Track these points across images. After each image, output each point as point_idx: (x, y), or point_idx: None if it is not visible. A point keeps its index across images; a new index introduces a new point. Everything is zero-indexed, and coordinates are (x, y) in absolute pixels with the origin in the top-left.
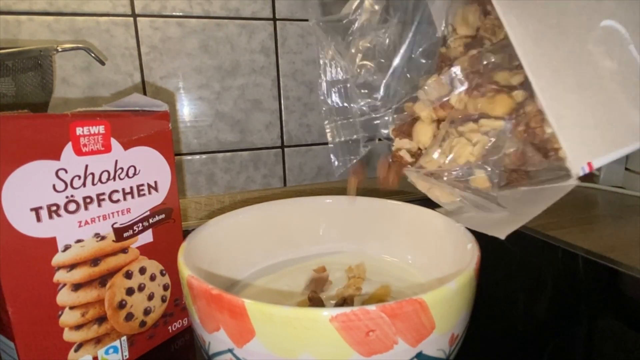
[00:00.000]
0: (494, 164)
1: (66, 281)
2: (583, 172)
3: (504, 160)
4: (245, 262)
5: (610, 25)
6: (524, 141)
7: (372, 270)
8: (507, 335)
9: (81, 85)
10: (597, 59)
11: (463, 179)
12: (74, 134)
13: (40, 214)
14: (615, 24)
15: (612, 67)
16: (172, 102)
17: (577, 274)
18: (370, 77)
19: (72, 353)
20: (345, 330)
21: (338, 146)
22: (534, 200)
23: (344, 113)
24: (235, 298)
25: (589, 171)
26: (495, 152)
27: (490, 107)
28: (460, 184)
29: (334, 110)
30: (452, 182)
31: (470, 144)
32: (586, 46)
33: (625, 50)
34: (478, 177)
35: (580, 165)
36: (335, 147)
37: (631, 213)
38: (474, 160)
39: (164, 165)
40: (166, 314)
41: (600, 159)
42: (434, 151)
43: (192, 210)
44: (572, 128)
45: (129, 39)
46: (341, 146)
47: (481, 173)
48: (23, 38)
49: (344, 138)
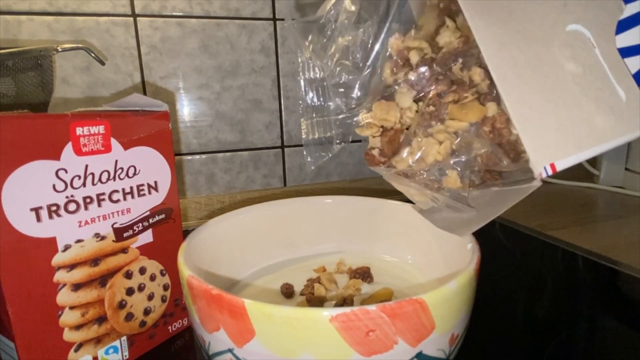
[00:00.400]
0: (465, 165)
1: (66, 281)
2: (546, 174)
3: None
4: (245, 262)
5: (576, 30)
6: (491, 142)
7: (373, 270)
8: (507, 335)
9: (81, 85)
10: (562, 63)
11: (434, 179)
12: (74, 134)
13: (40, 214)
14: (581, 28)
15: (577, 71)
16: (172, 102)
17: (577, 274)
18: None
19: (72, 353)
20: (345, 330)
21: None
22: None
23: (321, 111)
24: (235, 298)
25: (553, 172)
26: (464, 153)
27: (463, 113)
28: (432, 184)
29: (310, 108)
30: (423, 182)
31: (437, 143)
32: (551, 50)
33: (590, 54)
34: (449, 177)
35: (542, 165)
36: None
37: (631, 213)
38: (442, 160)
39: (164, 165)
40: (166, 314)
41: (563, 161)
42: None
43: (192, 210)
44: (535, 130)
45: (129, 39)
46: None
47: (452, 173)
48: (23, 38)
49: (317, 135)
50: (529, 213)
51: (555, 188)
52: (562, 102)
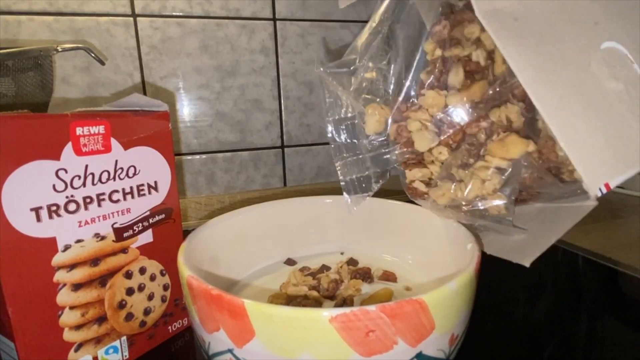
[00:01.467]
0: (510, 193)
1: (66, 281)
2: (601, 193)
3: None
4: (245, 262)
5: (611, 47)
6: (539, 168)
7: (373, 271)
8: (507, 335)
9: (81, 85)
10: (601, 81)
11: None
12: (74, 134)
13: (40, 214)
14: (616, 44)
15: (618, 87)
16: (172, 102)
17: (577, 274)
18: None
19: (72, 353)
20: (345, 331)
21: (350, 184)
22: (552, 220)
23: (353, 150)
24: (235, 298)
25: (607, 191)
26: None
27: (504, 150)
28: (477, 213)
29: (342, 147)
30: (468, 212)
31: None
32: (589, 69)
33: (629, 69)
34: (493, 207)
35: (597, 186)
36: (347, 184)
37: (631, 213)
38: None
39: (164, 165)
40: (166, 314)
41: (616, 179)
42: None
43: (192, 210)
44: (585, 151)
45: (129, 39)
46: (353, 183)
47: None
48: (23, 38)
49: (355, 175)
50: None
51: None
52: (607, 120)
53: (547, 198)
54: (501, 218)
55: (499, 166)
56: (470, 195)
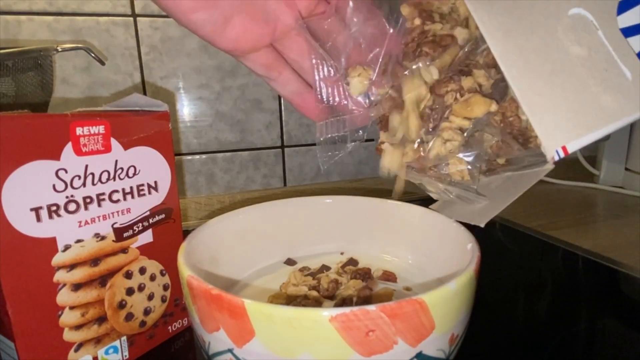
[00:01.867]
0: (475, 159)
1: (66, 281)
2: (558, 157)
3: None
4: (245, 262)
5: (578, 13)
6: (501, 131)
7: (373, 271)
8: (507, 335)
9: (81, 85)
10: (567, 47)
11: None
12: (74, 134)
13: (40, 214)
14: (583, 11)
15: (582, 54)
16: (172, 102)
17: (577, 274)
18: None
19: (72, 353)
20: (345, 330)
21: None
22: (513, 185)
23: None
24: (235, 298)
25: (565, 155)
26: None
27: (468, 109)
28: (444, 178)
29: (327, 108)
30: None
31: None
32: (556, 35)
33: (594, 36)
34: (456, 171)
35: (554, 148)
36: (322, 143)
37: (631, 213)
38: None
39: (164, 165)
40: (166, 314)
41: (574, 143)
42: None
43: (192, 210)
44: (545, 114)
45: (129, 39)
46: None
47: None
48: (23, 38)
49: (330, 135)
50: (529, 213)
51: (555, 188)
52: (569, 85)
53: (515, 167)
54: (466, 185)
55: (461, 127)
56: (432, 154)
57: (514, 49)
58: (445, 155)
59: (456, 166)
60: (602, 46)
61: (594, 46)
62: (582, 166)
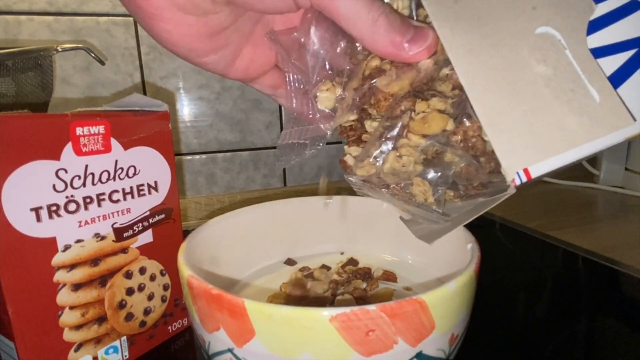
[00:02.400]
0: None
1: (66, 281)
2: (520, 180)
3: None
4: (245, 262)
5: (545, 32)
6: (463, 153)
7: (373, 271)
8: (507, 335)
9: (81, 85)
10: (532, 66)
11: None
12: (74, 134)
13: (40, 214)
14: (551, 30)
15: (547, 73)
16: (172, 102)
17: (577, 274)
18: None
19: (72, 353)
20: (345, 330)
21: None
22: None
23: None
24: (235, 298)
25: (527, 179)
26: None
27: (425, 126)
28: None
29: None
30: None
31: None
32: (521, 53)
33: (561, 55)
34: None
35: (514, 170)
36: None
37: (631, 213)
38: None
39: (164, 165)
40: (166, 314)
41: (537, 166)
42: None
43: (192, 210)
44: (505, 135)
45: (129, 39)
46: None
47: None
48: (23, 38)
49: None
50: (529, 213)
51: (555, 188)
52: (532, 105)
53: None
54: (429, 207)
55: (419, 144)
56: (386, 167)
57: (477, 66)
58: (400, 170)
59: (419, 187)
60: (570, 66)
61: (560, 66)
62: (582, 166)
